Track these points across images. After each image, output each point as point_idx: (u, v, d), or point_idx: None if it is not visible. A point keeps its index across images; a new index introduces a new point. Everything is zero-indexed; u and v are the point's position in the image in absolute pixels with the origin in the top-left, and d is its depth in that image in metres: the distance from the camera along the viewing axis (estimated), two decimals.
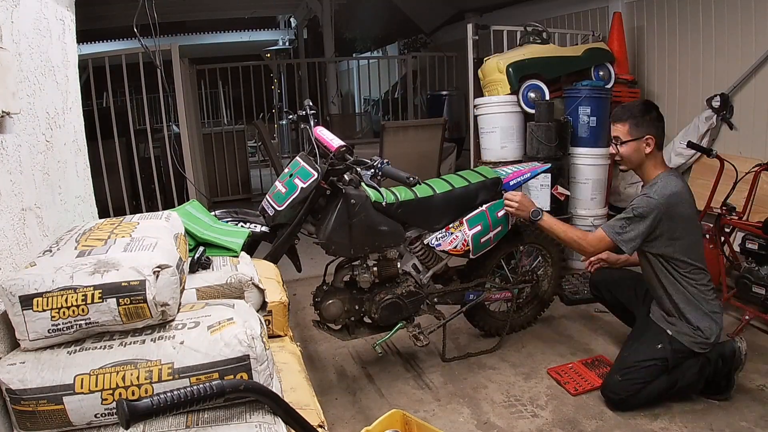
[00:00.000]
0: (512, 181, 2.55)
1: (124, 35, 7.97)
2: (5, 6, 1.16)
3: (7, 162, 1.11)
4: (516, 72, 3.57)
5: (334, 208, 2.17)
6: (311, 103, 2.38)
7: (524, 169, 2.65)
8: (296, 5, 9.10)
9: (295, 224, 2.18)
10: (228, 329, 1.02)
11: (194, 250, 1.44)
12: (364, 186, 2.21)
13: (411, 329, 2.45)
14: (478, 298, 2.57)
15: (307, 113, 2.32)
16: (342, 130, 7.30)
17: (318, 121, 2.36)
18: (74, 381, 0.96)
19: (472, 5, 6.39)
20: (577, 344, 2.70)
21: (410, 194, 2.34)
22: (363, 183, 2.16)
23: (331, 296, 2.33)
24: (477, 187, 2.47)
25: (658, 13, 4.08)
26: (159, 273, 1.02)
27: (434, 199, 2.38)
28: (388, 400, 2.30)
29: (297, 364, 1.41)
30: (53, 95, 1.41)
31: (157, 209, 3.03)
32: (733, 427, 2.00)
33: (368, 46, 10.23)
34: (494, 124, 3.70)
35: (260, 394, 0.93)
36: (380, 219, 2.25)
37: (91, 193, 1.65)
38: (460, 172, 2.61)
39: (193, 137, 4.57)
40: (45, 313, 0.97)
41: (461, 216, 2.43)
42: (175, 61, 3.80)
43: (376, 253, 2.36)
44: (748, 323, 2.66)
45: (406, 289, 2.41)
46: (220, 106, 9.27)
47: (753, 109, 3.45)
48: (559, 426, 2.08)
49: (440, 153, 4.52)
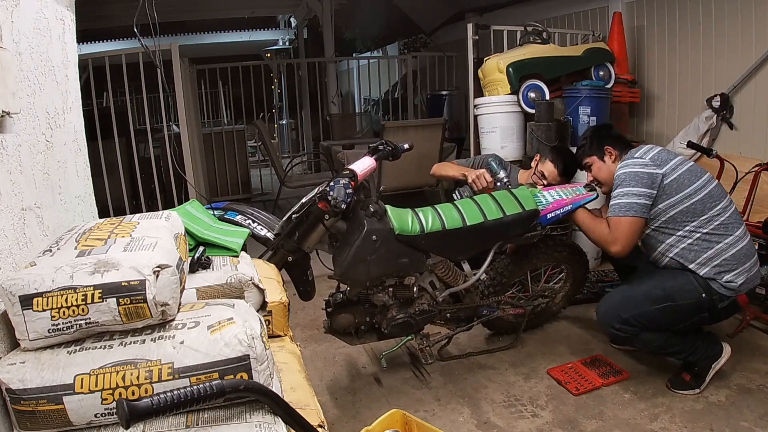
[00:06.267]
0: (550, 214, 2.37)
1: (124, 35, 7.98)
2: (5, 6, 1.16)
3: (7, 162, 1.11)
4: (516, 72, 3.57)
5: (354, 241, 2.05)
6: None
7: (566, 198, 2.41)
8: (296, 5, 9.09)
9: (282, 237, 2.09)
10: (228, 329, 1.02)
11: (194, 250, 1.44)
12: (389, 215, 2.14)
13: (419, 342, 2.39)
14: (492, 314, 2.52)
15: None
16: (342, 130, 7.31)
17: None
18: (74, 381, 0.96)
19: (472, 5, 6.39)
20: (576, 344, 2.70)
21: (438, 224, 2.21)
22: (388, 212, 2.12)
23: (344, 309, 2.28)
24: (511, 221, 2.30)
25: (658, 13, 4.07)
26: (159, 273, 1.02)
27: (462, 232, 2.23)
28: (388, 400, 2.30)
29: (297, 364, 1.41)
30: (53, 95, 1.41)
31: (157, 209, 3.03)
32: (733, 427, 2.00)
33: (368, 46, 10.22)
34: (494, 124, 3.69)
35: (260, 394, 0.93)
36: (402, 251, 2.15)
37: (91, 193, 1.65)
38: (499, 193, 2.42)
39: (193, 137, 4.56)
40: (45, 312, 0.97)
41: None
42: (175, 61, 3.79)
43: (394, 279, 2.28)
44: (748, 323, 2.66)
45: (419, 307, 2.33)
46: (220, 106, 9.27)
47: (753, 109, 3.45)
48: (559, 426, 2.08)
49: (440, 153, 4.52)
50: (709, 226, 2.09)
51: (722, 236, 2.08)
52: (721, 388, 2.25)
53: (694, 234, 2.10)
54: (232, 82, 7.03)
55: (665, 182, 2.10)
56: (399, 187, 4.32)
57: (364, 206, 2.11)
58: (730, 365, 2.39)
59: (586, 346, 2.68)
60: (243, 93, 7.16)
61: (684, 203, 2.10)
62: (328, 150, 5.13)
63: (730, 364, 2.40)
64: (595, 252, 3.65)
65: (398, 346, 2.42)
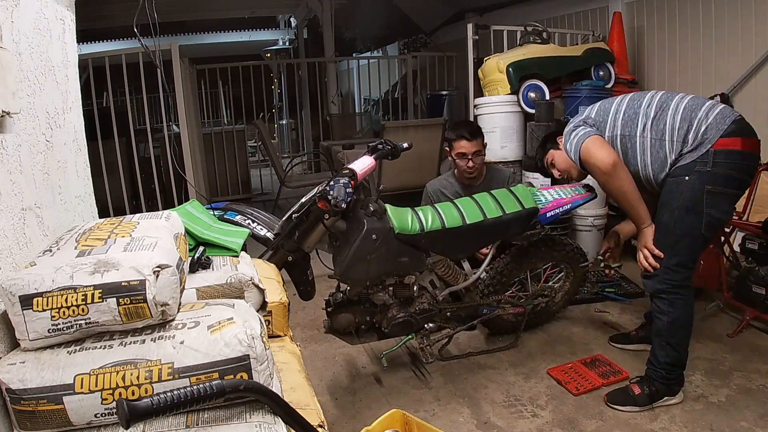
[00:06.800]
0: (549, 212, 2.39)
1: (124, 35, 7.99)
2: (5, 6, 1.16)
3: (7, 162, 1.11)
4: (516, 72, 3.57)
5: (354, 240, 2.06)
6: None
7: (565, 197, 2.44)
8: (296, 5, 9.10)
9: (282, 237, 2.09)
10: (228, 329, 1.02)
11: (194, 250, 1.44)
12: (389, 214, 2.14)
13: (419, 341, 2.39)
14: (492, 313, 2.53)
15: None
16: (342, 130, 7.31)
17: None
18: (74, 381, 0.96)
19: (472, 5, 6.39)
20: (576, 344, 2.70)
21: (437, 223, 2.22)
22: (388, 211, 2.10)
23: (344, 308, 2.28)
24: (511, 219, 2.31)
25: (658, 13, 4.08)
26: (159, 273, 1.02)
27: (462, 230, 2.24)
28: (388, 400, 2.30)
29: (297, 364, 1.41)
30: (53, 95, 1.41)
31: (157, 209, 3.03)
32: (733, 427, 2.00)
33: (368, 46, 10.22)
34: (494, 124, 3.70)
35: (260, 394, 0.93)
36: (402, 249, 2.15)
37: (91, 193, 1.65)
38: (498, 192, 2.43)
39: (193, 137, 4.57)
40: (45, 312, 0.97)
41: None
42: (175, 61, 3.80)
43: (394, 278, 2.28)
44: (748, 323, 2.66)
45: (420, 306, 2.34)
46: (220, 106, 9.27)
47: (753, 109, 3.44)
48: (559, 426, 2.08)
49: (440, 153, 4.52)
50: (651, 114, 2.09)
51: (664, 113, 2.07)
52: (721, 388, 2.24)
53: (645, 133, 2.10)
54: (232, 82, 7.03)
55: (591, 116, 2.24)
56: (399, 186, 4.32)
57: (364, 205, 2.11)
58: (730, 365, 2.40)
59: (586, 346, 2.68)
60: (243, 93, 7.17)
61: (618, 119, 2.17)
62: (328, 150, 5.13)
63: (730, 364, 2.40)
64: (595, 252, 3.65)
65: (398, 345, 2.42)
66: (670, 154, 2.05)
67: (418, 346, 2.40)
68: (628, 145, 2.15)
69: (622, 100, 2.23)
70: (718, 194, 1.99)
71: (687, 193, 2.00)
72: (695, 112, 2.03)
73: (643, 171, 2.15)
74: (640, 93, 2.24)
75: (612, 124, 2.19)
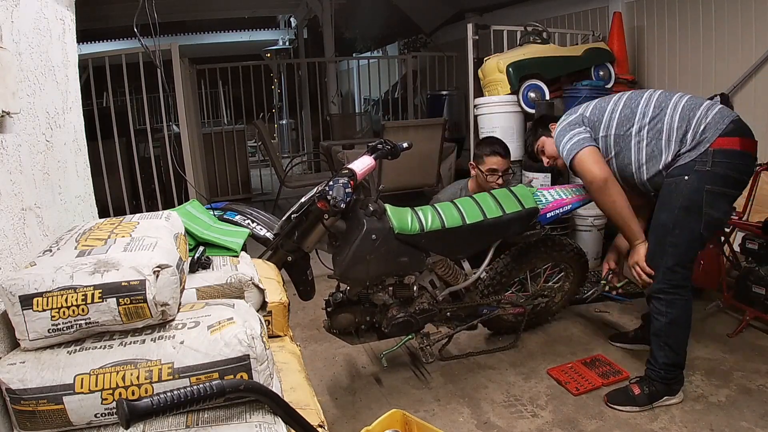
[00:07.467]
0: (550, 213, 2.39)
1: (124, 35, 7.99)
2: (5, 6, 1.16)
3: (7, 162, 1.11)
4: (516, 72, 3.57)
5: (354, 240, 2.05)
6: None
7: (566, 198, 2.43)
8: (296, 5, 9.10)
9: (282, 237, 2.09)
10: (228, 329, 1.02)
11: (194, 250, 1.44)
12: (389, 214, 2.14)
13: (419, 341, 2.39)
14: (492, 313, 2.53)
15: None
16: (342, 130, 7.31)
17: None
18: (74, 381, 0.96)
19: (472, 5, 6.39)
20: (576, 344, 2.70)
21: (437, 223, 2.22)
22: (388, 211, 2.09)
23: (344, 309, 2.28)
24: (511, 219, 2.31)
25: (658, 13, 4.07)
26: (159, 273, 1.02)
27: (462, 230, 2.24)
28: (388, 400, 2.30)
29: (297, 364, 1.41)
30: (53, 95, 1.41)
31: (157, 209, 3.03)
32: (733, 427, 2.00)
33: (368, 46, 10.22)
34: (494, 124, 3.70)
35: (260, 394, 0.93)
36: (402, 249, 2.15)
37: (91, 193, 1.65)
38: (499, 192, 2.43)
39: (193, 137, 4.57)
40: (45, 312, 0.97)
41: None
42: (175, 61, 3.80)
43: (394, 278, 2.28)
44: (748, 323, 2.66)
45: (420, 306, 2.33)
46: (220, 106, 9.27)
47: (753, 109, 3.44)
48: (559, 426, 2.08)
49: (440, 153, 4.52)
50: (648, 114, 2.09)
51: (663, 113, 2.07)
52: (721, 388, 2.25)
53: (642, 133, 2.10)
54: (232, 82, 7.03)
55: (587, 115, 2.25)
56: (399, 186, 4.32)
57: (364, 205, 2.11)
58: (730, 365, 2.40)
59: (586, 346, 2.68)
60: (243, 93, 7.16)
61: (614, 118, 2.17)
62: (328, 150, 5.13)
63: (730, 364, 2.40)
64: (594, 252, 3.65)
65: (398, 345, 2.42)
66: (667, 154, 2.05)
67: (418, 346, 2.40)
68: (622, 144, 2.16)
69: (619, 98, 2.23)
70: (718, 194, 1.99)
71: (687, 193, 2.00)
72: (694, 111, 2.03)
73: (637, 171, 2.15)
74: (637, 92, 2.24)
75: (606, 123, 2.19)
